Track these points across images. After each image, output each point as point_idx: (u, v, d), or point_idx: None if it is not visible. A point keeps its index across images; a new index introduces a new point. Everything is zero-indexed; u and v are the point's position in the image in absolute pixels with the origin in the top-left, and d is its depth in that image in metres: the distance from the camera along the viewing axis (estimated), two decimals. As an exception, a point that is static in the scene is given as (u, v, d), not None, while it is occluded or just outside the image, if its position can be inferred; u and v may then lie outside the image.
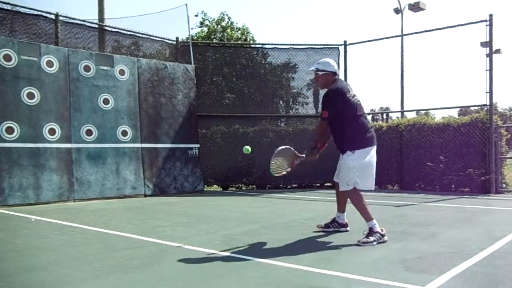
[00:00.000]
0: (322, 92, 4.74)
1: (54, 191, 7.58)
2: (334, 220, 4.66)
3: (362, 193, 4.27)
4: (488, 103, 9.00)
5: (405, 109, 11.59)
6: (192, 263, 3.48)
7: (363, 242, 3.97)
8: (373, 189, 4.38)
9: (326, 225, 4.66)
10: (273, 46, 11.15)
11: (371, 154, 4.33)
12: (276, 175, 4.46)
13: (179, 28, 10.61)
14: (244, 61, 11.36)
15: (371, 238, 4.00)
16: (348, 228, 4.62)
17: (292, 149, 4.49)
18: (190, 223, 5.49)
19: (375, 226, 4.08)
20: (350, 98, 4.24)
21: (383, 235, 4.07)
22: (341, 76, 10.96)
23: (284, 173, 4.49)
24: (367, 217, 4.13)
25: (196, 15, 16.35)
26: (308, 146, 4.50)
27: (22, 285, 2.91)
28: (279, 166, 4.46)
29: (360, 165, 4.21)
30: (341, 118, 4.25)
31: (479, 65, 9.04)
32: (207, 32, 15.76)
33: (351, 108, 4.24)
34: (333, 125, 4.34)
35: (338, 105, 4.20)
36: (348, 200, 4.45)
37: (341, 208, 4.62)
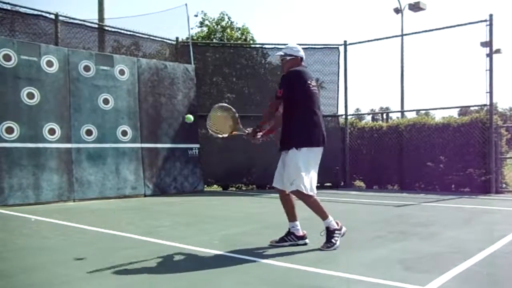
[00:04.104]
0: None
1: (54, 191, 7.58)
2: (290, 233, 4.03)
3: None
4: (488, 103, 9.00)
5: (405, 109, 11.61)
6: (192, 263, 3.48)
7: (327, 247, 3.77)
8: (315, 193, 3.93)
9: (281, 239, 4.02)
10: (273, 46, 11.15)
11: (316, 155, 3.96)
12: (212, 131, 4.32)
13: (179, 28, 10.58)
14: (244, 61, 11.35)
15: (333, 240, 3.79)
16: (307, 240, 4.01)
17: (237, 115, 4.33)
18: (190, 223, 5.49)
19: (331, 223, 3.86)
20: (310, 86, 3.94)
21: (340, 229, 3.87)
22: (341, 76, 10.98)
23: (220, 136, 4.32)
24: (323, 216, 3.88)
25: (196, 15, 16.32)
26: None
27: (22, 285, 2.91)
28: (219, 123, 4.34)
29: (305, 165, 3.84)
30: (294, 107, 3.93)
31: (479, 65, 9.06)
32: (207, 32, 15.75)
33: (308, 98, 3.93)
34: (284, 114, 4.02)
35: (296, 88, 3.90)
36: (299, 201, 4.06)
37: (293, 216, 4.07)
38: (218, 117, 4.40)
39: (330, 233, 3.84)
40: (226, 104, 4.43)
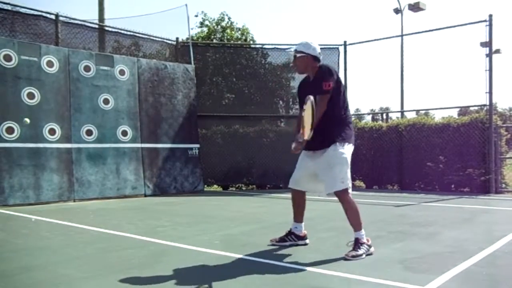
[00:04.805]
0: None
1: (54, 191, 7.58)
2: (290, 232, 4.01)
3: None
4: (487, 103, 9.01)
5: (405, 109, 11.61)
6: (192, 263, 3.47)
7: (352, 256, 3.47)
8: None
9: (282, 239, 4.00)
10: (273, 46, 11.17)
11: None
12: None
13: (179, 29, 10.63)
14: (244, 61, 11.36)
15: (360, 251, 3.52)
16: (307, 241, 4.01)
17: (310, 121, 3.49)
18: (190, 223, 5.49)
19: (363, 237, 3.61)
20: (342, 84, 3.76)
21: (370, 246, 3.62)
22: (341, 76, 10.95)
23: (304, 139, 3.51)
24: (358, 226, 3.62)
25: (196, 16, 16.36)
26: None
27: (22, 285, 2.92)
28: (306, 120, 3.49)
29: (348, 162, 3.66)
30: (335, 103, 3.67)
31: (479, 65, 9.06)
32: (207, 33, 15.76)
33: (342, 95, 3.74)
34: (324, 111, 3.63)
35: (337, 82, 3.67)
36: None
37: (300, 218, 4.01)
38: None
39: (358, 243, 3.57)
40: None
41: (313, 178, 3.83)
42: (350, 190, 3.68)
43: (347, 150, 3.68)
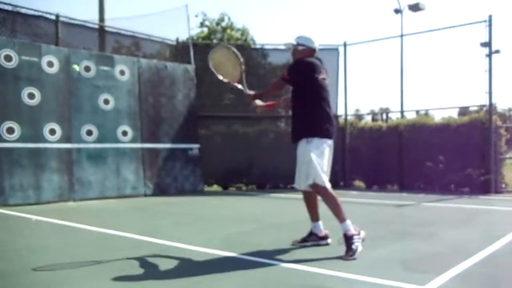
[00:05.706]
0: None
1: (54, 191, 7.59)
2: (311, 233, 4.00)
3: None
4: (487, 103, 9.02)
5: (404, 109, 11.64)
6: (192, 263, 3.48)
7: (350, 256, 3.45)
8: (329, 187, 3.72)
9: (303, 240, 4.00)
10: (273, 47, 11.18)
11: (328, 147, 3.79)
12: (212, 68, 4.16)
13: (179, 29, 10.61)
14: (243, 61, 11.36)
15: (354, 247, 3.49)
16: (328, 241, 3.97)
17: (244, 67, 4.06)
18: (190, 223, 5.50)
19: (349, 228, 3.58)
20: (321, 78, 3.82)
21: (359, 233, 3.59)
22: (341, 77, 10.99)
23: (220, 77, 4.06)
24: (341, 217, 3.61)
25: (196, 16, 16.38)
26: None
27: (22, 285, 2.92)
28: (223, 63, 4.21)
29: (318, 156, 3.68)
30: (303, 98, 3.81)
31: (479, 65, 9.06)
32: (207, 33, 15.77)
33: (318, 90, 3.81)
34: (294, 105, 3.89)
35: (305, 78, 3.80)
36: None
37: (314, 216, 3.99)
38: (226, 57, 4.21)
39: (348, 239, 3.54)
40: (236, 51, 4.12)
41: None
42: (323, 184, 3.67)
43: (314, 145, 3.71)
